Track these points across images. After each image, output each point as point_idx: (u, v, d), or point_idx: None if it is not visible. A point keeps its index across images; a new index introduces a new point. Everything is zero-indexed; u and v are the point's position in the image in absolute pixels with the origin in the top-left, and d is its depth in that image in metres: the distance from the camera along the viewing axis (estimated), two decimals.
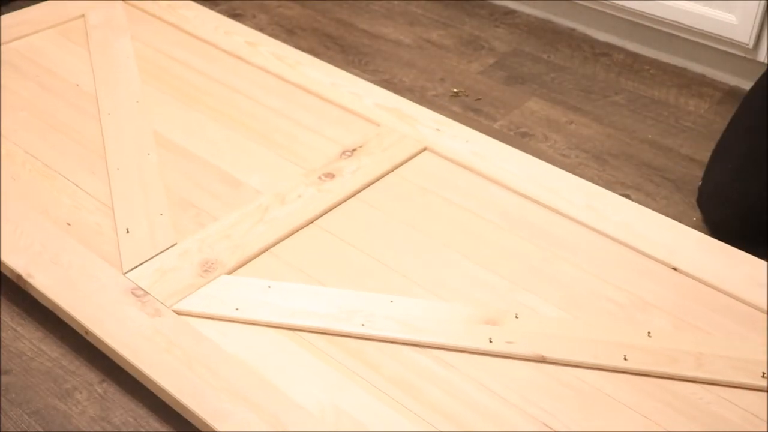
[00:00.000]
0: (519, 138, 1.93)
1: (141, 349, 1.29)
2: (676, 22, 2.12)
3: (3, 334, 1.43)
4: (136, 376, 1.29)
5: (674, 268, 1.45)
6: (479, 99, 2.07)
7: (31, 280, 1.40)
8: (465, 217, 1.55)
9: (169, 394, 1.24)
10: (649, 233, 1.51)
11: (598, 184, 1.69)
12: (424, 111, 1.81)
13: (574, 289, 1.41)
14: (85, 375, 1.36)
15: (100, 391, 1.34)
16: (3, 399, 1.32)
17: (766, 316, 1.37)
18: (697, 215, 1.73)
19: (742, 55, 2.07)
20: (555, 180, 1.63)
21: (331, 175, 1.60)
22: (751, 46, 2.03)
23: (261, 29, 2.21)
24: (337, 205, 1.55)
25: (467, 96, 2.09)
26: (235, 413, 1.20)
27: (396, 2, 2.47)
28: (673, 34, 2.17)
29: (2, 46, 1.97)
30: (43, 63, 1.92)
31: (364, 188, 1.59)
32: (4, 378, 1.36)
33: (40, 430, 1.28)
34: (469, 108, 2.04)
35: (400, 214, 1.55)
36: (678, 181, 1.83)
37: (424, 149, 1.69)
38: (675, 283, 1.42)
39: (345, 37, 2.30)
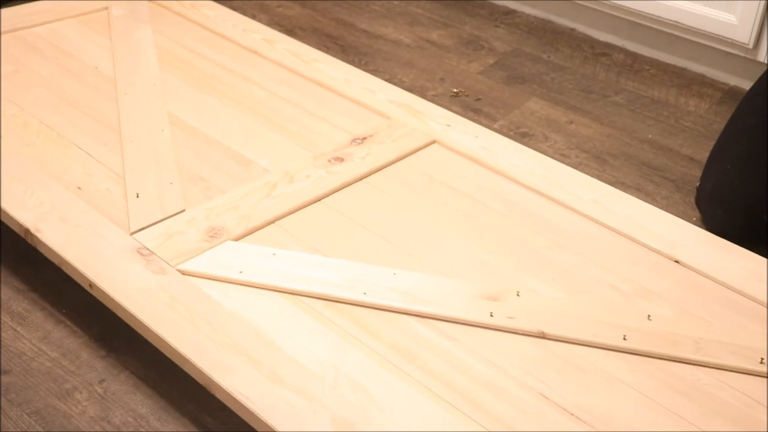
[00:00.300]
0: (519, 138, 1.93)
1: (144, 303, 1.29)
2: (676, 22, 2.12)
3: (3, 334, 1.43)
4: (137, 329, 1.29)
5: (676, 261, 1.45)
6: (479, 99, 2.07)
7: (38, 235, 1.41)
8: (471, 206, 1.56)
9: (169, 346, 1.24)
10: (651, 227, 1.52)
11: None
12: (434, 108, 1.82)
13: (577, 275, 1.42)
14: (85, 375, 1.36)
15: (100, 391, 1.34)
16: (3, 399, 1.32)
17: (766, 309, 1.37)
18: (697, 215, 1.74)
19: (742, 55, 2.07)
20: (561, 176, 1.64)
21: (340, 159, 1.62)
22: (751, 46, 2.03)
23: None
24: (345, 187, 1.57)
25: (467, 96, 2.09)
26: (235, 366, 1.21)
27: (396, 2, 2.47)
28: (673, 34, 2.17)
29: (22, 31, 2.00)
30: (63, 47, 1.95)
31: (373, 173, 1.61)
32: (4, 378, 1.36)
33: (40, 430, 1.28)
34: (469, 108, 2.04)
35: (407, 199, 1.56)
36: (678, 181, 1.83)
37: (433, 142, 1.71)
38: (676, 275, 1.43)
39: (345, 37, 2.30)
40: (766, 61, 2.03)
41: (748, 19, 2.00)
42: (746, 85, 2.11)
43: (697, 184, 1.72)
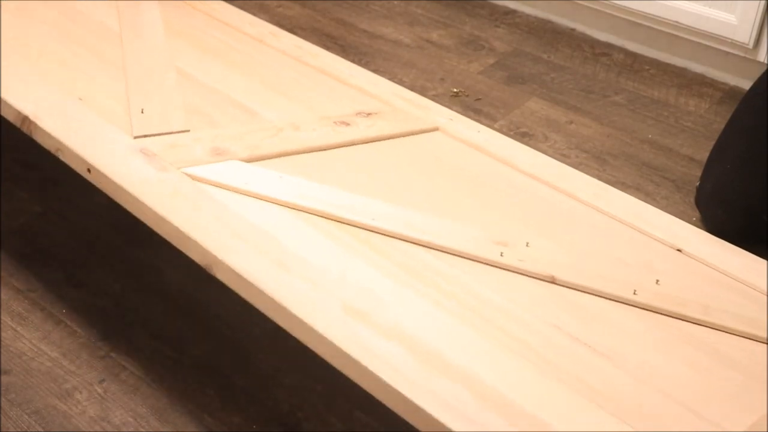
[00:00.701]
0: (519, 138, 1.93)
1: (146, 191, 1.26)
2: (676, 22, 2.12)
3: (3, 334, 1.43)
4: (137, 213, 1.26)
5: (678, 250, 1.46)
6: (479, 99, 2.07)
7: (37, 121, 1.38)
8: (475, 185, 1.55)
9: (172, 225, 1.21)
10: (653, 221, 1.53)
11: None
12: (436, 105, 1.83)
13: (584, 249, 1.41)
14: (85, 375, 1.36)
15: (100, 391, 1.34)
16: (3, 399, 1.32)
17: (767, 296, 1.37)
18: (697, 215, 1.74)
19: (742, 55, 2.07)
20: (563, 173, 1.64)
21: (345, 123, 1.61)
22: (751, 46, 2.03)
23: None
24: (351, 145, 1.55)
25: (467, 96, 2.09)
26: (240, 250, 1.18)
27: (396, 2, 2.47)
28: (673, 34, 2.17)
29: None
30: (70, 2, 1.92)
31: (377, 140, 1.60)
32: (4, 378, 1.36)
33: (40, 430, 1.28)
34: (469, 108, 2.04)
35: (414, 166, 1.55)
36: (678, 181, 1.83)
37: (436, 129, 1.71)
38: (680, 261, 1.43)
39: (345, 37, 2.30)
40: (766, 61, 2.03)
41: (748, 19, 2.00)
42: (746, 85, 2.11)
43: (697, 184, 1.72)
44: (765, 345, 1.25)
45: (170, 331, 1.45)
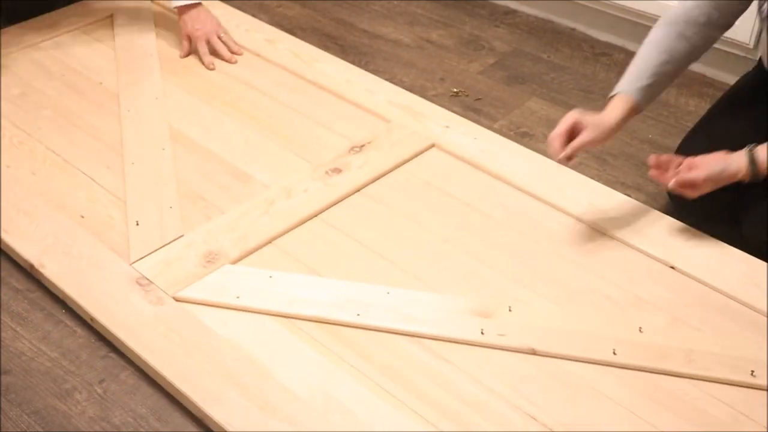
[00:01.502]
0: (519, 138, 1.93)
1: (142, 336, 1.33)
2: None
3: (3, 334, 1.43)
4: (137, 362, 1.32)
5: (672, 267, 1.46)
6: (479, 99, 2.08)
7: (42, 270, 1.45)
8: (467, 213, 1.57)
9: (165, 379, 1.28)
10: (649, 231, 1.52)
11: None
12: (434, 108, 1.83)
13: (570, 285, 1.42)
14: (85, 375, 1.36)
15: (99, 391, 1.34)
16: (3, 399, 1.32)
17: (762, 316, 1.37)
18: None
19: (742, 55, 2.07)
20: (560, 178, 1.64)
21: (338, 170, 1.64)
22: (751, 45, 2.03)
23: None
24: (342, 200, 1.59)
25: (467, 96, 2.09)
26: (227, 397, 1.23)
27: (396, 2, 2.47)
28: None
29: (33, 47, 2.03)
30: (70, 62, 1.99)
31: (370, 183, 1.63)
32: (4, 378, 1.36)
33: (40, 430, 1.28)
34: (469, 108, 2.04)
35: (403, 209, 1.57)
36: None
37: (432, 146, 1.72)
38: (671, 282, 1.43)
39: (345, 37, 2.30)
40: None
41: (748, 19, 2.00)
42: None
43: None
44: (752, 390, 1.25)
45: None
